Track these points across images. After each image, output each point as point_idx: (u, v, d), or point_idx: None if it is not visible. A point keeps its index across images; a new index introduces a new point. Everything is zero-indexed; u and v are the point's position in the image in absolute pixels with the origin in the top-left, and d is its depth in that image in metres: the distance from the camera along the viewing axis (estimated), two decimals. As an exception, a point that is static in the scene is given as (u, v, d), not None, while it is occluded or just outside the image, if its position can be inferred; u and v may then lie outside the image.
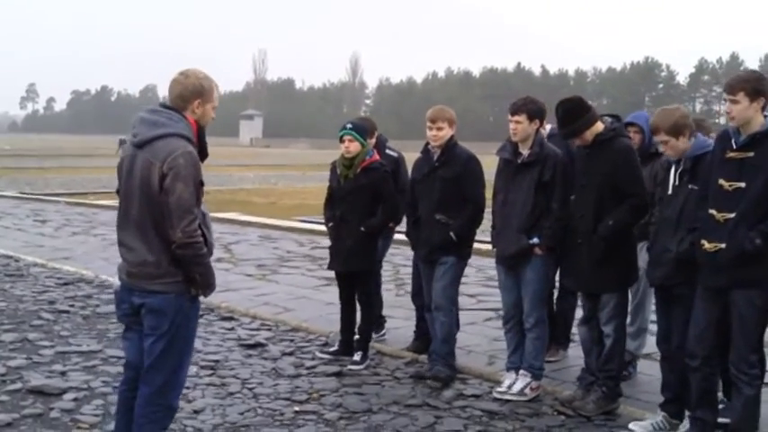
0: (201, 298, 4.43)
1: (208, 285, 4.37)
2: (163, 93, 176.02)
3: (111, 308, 8.78)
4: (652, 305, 6.75)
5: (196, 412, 5.75)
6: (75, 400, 5.92)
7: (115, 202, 4.31)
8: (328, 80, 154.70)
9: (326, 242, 14.49)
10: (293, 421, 5.68)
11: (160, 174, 4.10)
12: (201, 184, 4.29)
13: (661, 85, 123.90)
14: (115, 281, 4.54)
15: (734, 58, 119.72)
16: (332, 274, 11.38)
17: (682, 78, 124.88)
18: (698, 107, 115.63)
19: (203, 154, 4.36)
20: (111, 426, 5.36)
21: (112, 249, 13.58)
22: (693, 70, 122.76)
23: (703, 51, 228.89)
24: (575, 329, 7.54)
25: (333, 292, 10.11)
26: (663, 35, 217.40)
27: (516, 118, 6.08)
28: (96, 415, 5.65)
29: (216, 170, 38.77)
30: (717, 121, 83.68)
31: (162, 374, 4.31)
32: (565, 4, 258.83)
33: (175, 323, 4.26)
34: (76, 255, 13.07)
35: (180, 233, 4.11)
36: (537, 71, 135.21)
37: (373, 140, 7.52)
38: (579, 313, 7.99)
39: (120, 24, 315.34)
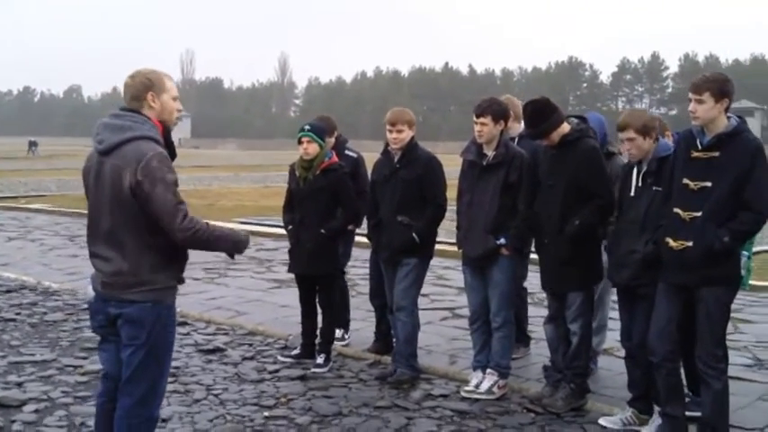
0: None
1: (236, 245, 4.37)
2: (87, 93, 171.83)
3: (59, 315, 8.68)
4: (611, 302, 6.90)
5: (164, 421, 5.63)
6: (36, 411, 5.76)
7: (49, 206, 4.25)
8: (257, 80, 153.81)
9: (270, 244, 14.65)
10: (265, 427, 5.62)
11: (134, 180, 3.98)
12: (176, 183, 4.18)
13: (585, 85, 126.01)
14: (89, 291, 4.38)
15: (655, 57, 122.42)
16: (281, 276, 11.52)
17: (605, 77, 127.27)
18: (620, 105, 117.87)
19: (171, 155, 4.24)
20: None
21: (51, 254, 13.41)
22: (616, 69, 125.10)
23: (625, 51, 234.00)
24: (531, 327, 7.67)
25: (285, 295, 10.15)
26: (586, 35, 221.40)
27: (482, 120, 6.11)
28: (60, 427, 5.52)
29: (147, 172, 38.28)
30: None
31: (142, 385, 4.20)
32: (491, 4, 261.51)
33: (153, 333, 4.15)
34: (15, 261, 12.75)
35: (179, 233, 4.03)
36: (464, 71, 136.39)
37: (332, 140, 7.49)
38: (533, 311, 8.16)
39: (44, 24, 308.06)
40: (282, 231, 15.83)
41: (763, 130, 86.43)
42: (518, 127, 6.84)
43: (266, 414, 5.84)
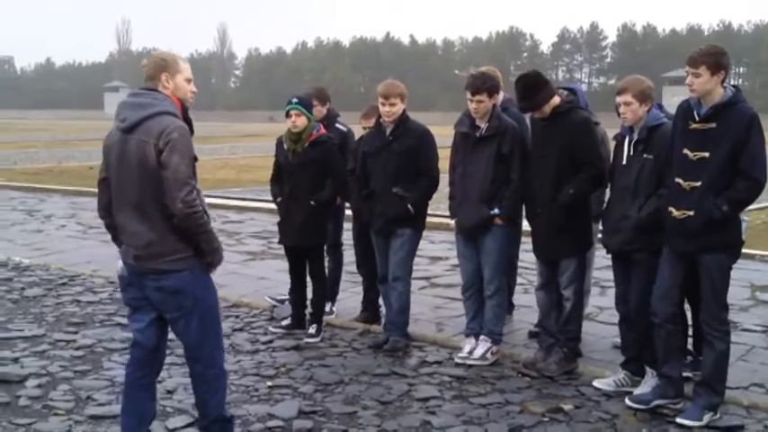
0: None
1: (213, 251, 4.37)
2: (20, 64, 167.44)
3: (38, 291, 8.66)
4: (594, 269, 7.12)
5: (169, 392, 5.72)
6: (39, 386, 5.78)
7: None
8: (196, 50, 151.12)
9: (234, 216, 14.63)
10: (270, 396, 5.72)
11: (156, 150, 4.13)
12: (195, 159, 4.32)
13: (525, 54, 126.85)
14: (119, 265, 4.49)
15: (594, 27, 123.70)
16: (252, 248, 11.59)
17: (545, 47, 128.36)
18: (560, 75, 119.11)
19: (190, 131, 4.37)
20: (88, 410, 5.34)
21: (13, 230, 13.20)
22: (556, 39, 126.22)
23: (565, 21, 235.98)
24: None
25: (260, 267, 10.26)
26: (526, 5, 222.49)
27: (478, 97, 6.24)
28: (68, 400, 5.54)
29: (90, 145, 37.69)
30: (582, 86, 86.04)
31: (205, 348, 4.44)
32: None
33: (197, 297, 4.34)
34: (-25, 238, 12.54)
35: (180, 204, 4.12)
36: (406, 41, 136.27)
37: (324, 110, 7.56)
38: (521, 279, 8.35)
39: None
40: (244, 203, 16.08)
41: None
42: (499, 97, 6.99)
43: (269, 384, 5.94)
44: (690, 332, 5.98)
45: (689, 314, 5.91)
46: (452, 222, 6.69)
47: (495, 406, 5.56)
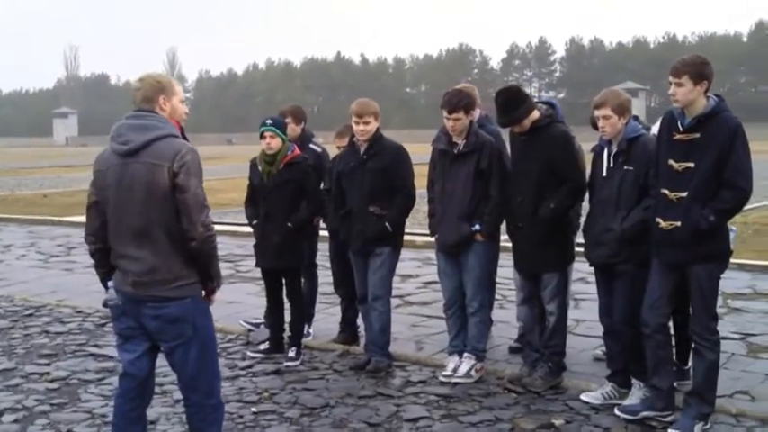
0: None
1: (219, 275, 4.37)
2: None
3: (4, 323, 8.43)
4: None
5: (152, 423, 5.55)
6: (16, 421, 5.61)
7: None
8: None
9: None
10: (256, 422, 5.61)
11: (170, 174, 4.03)
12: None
13: (476, 70, 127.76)
14: (110, 294, 4.34)
15: (542, 42, 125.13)
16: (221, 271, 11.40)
17: (495, 63, 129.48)
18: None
19: None
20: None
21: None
22: (505, 55, 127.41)
23: (514, 37, 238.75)
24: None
25: (230, 291, 10.09)
26: (475, 22, 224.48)
27: (455, 115, 6.22)
28: (48, 435, 5.38)
29: (42, 172, 37.22)
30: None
31: (204, 376, 4.34)
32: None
33: (198, 326, 4.24)
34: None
35: (201, 227, 4.08)
36: (357, 60, 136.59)
37: (299, 129, 7.52)
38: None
39: None
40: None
41: (648, 110, 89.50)
42: (476, 113, 6.97)
43: (254, 410, 5.83)
44: (672, 342, 6.00)
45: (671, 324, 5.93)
46: (419, 240, 6.65)
47: (486, 424, 5.51)
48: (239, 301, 9.49)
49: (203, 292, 4.28)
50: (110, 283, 4.35)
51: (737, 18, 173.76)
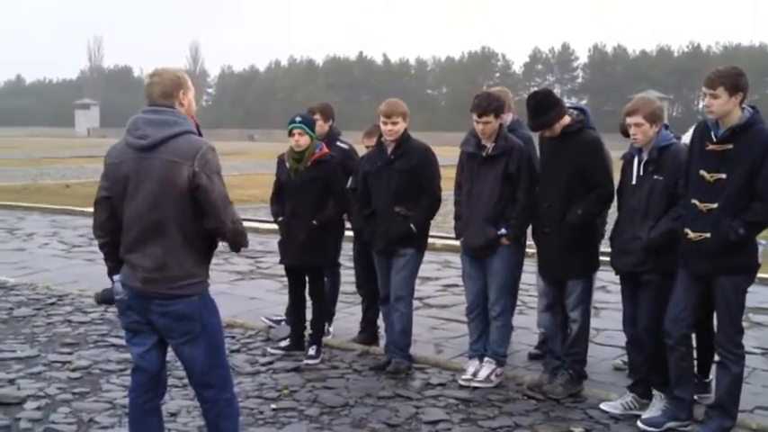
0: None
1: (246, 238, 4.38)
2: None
3: (27, 311, 8.51)
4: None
5: (172, 415, 5.61)
6: (38, 408, 5.65)
7: None
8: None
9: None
10: (276, 419, 5.63)
11: (190, 172, 4.01)
12: None
13: (498, 74, 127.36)
14: (116, 287, 4.34)
15: (565, 48, 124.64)
16: (240, 267, 11.47)
17: (517, 67, 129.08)
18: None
19: None
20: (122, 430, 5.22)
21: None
22: (528, 59, 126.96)
23: (536, 41, 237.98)
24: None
25: (250, 287, 10.17)
26: (498, 26, 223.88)
27: (485, 119, 6.20)
28: (70, 423, 5.42)
29: (64, 162, 37.40)
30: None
31: (215, 372, 4.34)
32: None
33: (205, 323, 4.23)
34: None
35: (231, 224, 4.12)
36: (379, 60, 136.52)
37: (328, 126, 7.54)
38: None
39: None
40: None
41: (670, 119, 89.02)
42: (508, 117, 6.96)
43: (273, 406, 5.85)
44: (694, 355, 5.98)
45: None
46: (439, 243, 6.66)
47: (505, 429, 5.51)
48: (260, 298, 9.54)
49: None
50: (116, 278, 4.33)
51: (763, 29, 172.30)
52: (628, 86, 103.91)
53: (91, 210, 4.62)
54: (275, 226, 7.46)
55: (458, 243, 6.70)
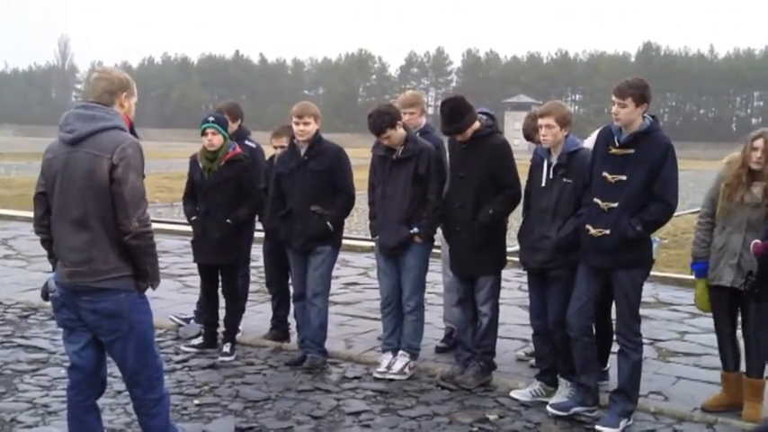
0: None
1: (156, 276, 4.38)
2: None
3: None
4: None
5: (96, 412, 5.61)
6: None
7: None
8: (34, 63, 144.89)
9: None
10: (201, 414, 5.72)
11: (109, 165, 4.07)
12: (143, 177, 4.30)
13: (374, 77, 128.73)
14: (50, 285, 4.37)
15: (440, 52, 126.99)
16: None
17: (393, 70, 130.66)
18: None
19: None
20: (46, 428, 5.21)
21: None
22: (404, 63, 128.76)
23: (412, 45, 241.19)
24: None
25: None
26: (375, 28, 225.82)
27: (385, 135, 6.48)
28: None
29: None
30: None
31: (144, 371, 4.37)
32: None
33: (133, 320, 4.27)
34: None
35: (136, 222, 4.12)
36: (255, 59, 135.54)
37: (236, 126, 7.60)
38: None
39: None
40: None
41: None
42: (422, 120, 7.24)
43: (196, 402, 5.93)
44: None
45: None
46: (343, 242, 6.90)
47: (425, 418, 5.77)
48: (162, 297, 9.45)
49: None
50: (51, 275, 4.40)
51: (626, 38, 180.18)
52: (499, 91, 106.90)
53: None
54: (170, 226, 7.51)
55: (357, 243, 6.93)
